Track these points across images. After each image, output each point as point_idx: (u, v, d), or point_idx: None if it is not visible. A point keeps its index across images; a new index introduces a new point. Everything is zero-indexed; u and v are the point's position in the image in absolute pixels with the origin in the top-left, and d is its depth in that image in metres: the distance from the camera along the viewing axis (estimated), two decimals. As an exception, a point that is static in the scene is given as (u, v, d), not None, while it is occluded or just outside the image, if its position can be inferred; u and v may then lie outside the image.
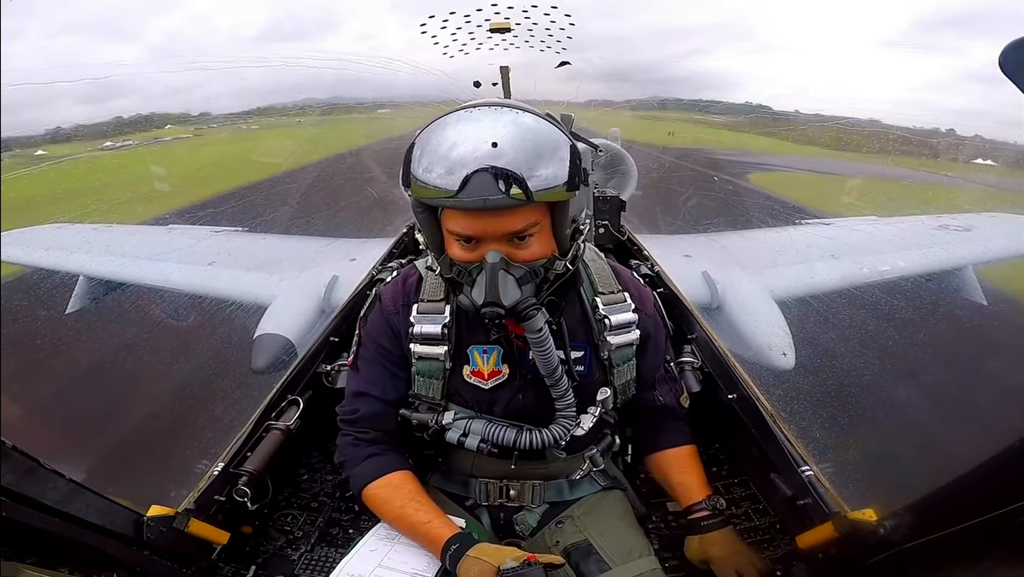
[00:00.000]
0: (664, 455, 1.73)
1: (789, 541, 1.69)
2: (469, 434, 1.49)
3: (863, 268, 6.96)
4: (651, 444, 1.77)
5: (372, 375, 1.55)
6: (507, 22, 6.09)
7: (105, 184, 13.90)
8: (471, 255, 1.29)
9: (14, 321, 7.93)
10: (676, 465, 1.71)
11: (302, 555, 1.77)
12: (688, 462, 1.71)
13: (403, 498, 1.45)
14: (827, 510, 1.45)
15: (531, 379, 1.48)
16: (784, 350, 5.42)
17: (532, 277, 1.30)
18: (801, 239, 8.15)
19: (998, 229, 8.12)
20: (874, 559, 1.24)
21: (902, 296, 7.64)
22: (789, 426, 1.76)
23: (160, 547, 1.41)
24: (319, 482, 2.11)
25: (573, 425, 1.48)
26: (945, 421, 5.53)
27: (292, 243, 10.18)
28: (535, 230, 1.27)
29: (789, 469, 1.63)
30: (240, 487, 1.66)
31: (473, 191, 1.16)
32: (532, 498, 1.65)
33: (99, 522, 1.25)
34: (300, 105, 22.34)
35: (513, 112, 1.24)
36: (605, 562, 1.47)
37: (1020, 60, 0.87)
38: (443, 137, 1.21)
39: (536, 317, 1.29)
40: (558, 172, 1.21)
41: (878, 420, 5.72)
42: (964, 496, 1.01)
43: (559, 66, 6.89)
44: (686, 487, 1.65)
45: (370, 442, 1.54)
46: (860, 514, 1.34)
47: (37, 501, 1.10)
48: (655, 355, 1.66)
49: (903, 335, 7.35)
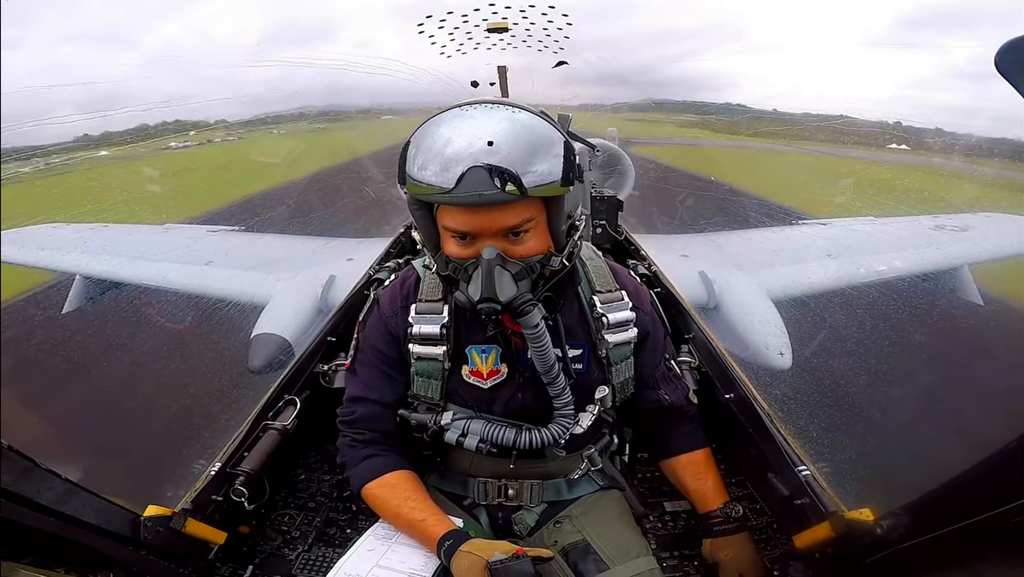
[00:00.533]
0: (679, 461, 1.75)
1: (786, 541, 1.69)
2: (468, 434, 1.49)
3: (860, 268, 6.98)
4: (664, 448, 1.78)
5: (370, 379, 1.55)
6: (504, 22, 6.09)
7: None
8: (467, 252, 1.29)
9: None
10: (691, 471, 1.72)
11: (299, 555, 1.77)
12: (703, 468, 1.72)
13: (400, 497, 1.46)
14: (824, 510, 1.45)
15: (530, 378, 1.48)
16: (781, 350, 5.44)
17: (528, 273, 1.30)
18: (798, 239, 8.17)
19: (994, 229, 8.14)
20: (871, 559, 1.24)
21: (898, 296, 7.66)
22: (786, 426, 1.77)
23: (157, 547, 1.41)
24: (316, 482, 2.11)
25: (572, 424, 1.48)
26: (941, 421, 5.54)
27: (289, 243, 10.16)
28: (530, 226, 1.27)
29: (786, 469, 1.64)
30: (237, 487, 1.66)
31: (468, 187, 1.16)
32: (530, 497, 1.65)
33: (95, 522, 1.25)
34: (319, 111, 22.65)
35: (508, 109, 1.25)
36: (603, 562, 1.47)
37: (1015, 60, 0.87)
38: (438, 134, 1.22)
39: (532, 313, 1.29)
40: (553, 168, 1.21)
41: (875, 420, 5.74)
42: (960, 496, 1.01)
43: (556, 66, 6.90)
44: (702, 494, 1.68)
45: (368, 443, 1.55)
46: (857, 514, 1.34)
47: (33, 501, 1.09)
48: (654, 353, 1.66)
49: (900, 335, 7.37)
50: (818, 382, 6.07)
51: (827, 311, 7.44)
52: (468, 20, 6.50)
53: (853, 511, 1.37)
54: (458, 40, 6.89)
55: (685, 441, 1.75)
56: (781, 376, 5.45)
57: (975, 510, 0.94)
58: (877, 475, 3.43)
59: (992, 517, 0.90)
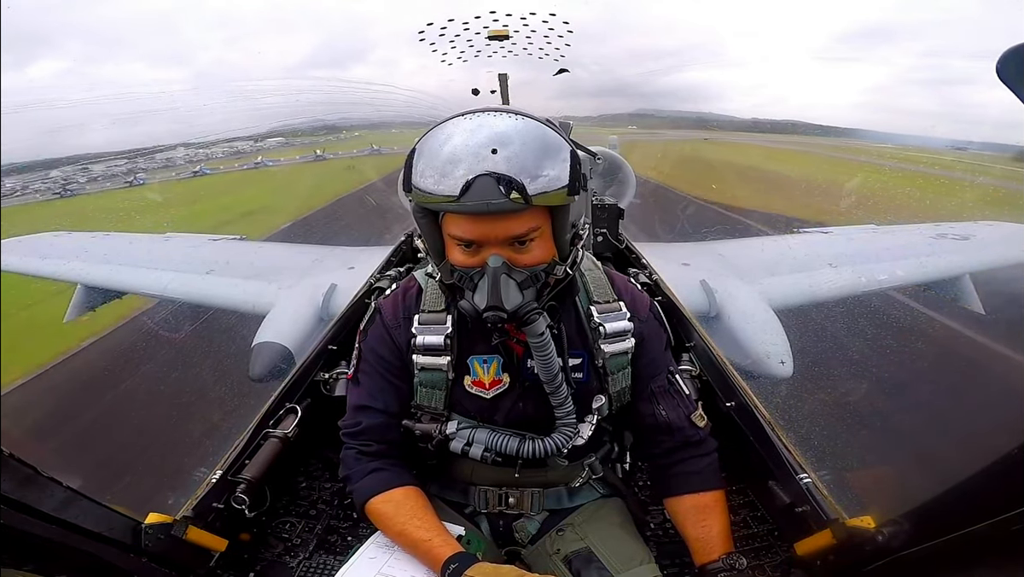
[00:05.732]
0: (681, 502, 1.56)
1: (787, 548, 1.69)
2: (473, 443, 1.48)
3: (861, 277, 6.98)
4: (666, 484, 1.61)
5: (374, 388, 1.54)
6: (505, 29, 6.12)
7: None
8: (472, 260, 1.30)
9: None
10: (694, 516, 1.53)
11: (300, 563, 1.77)
12: (710, 514, 1.52)
13: (405, 515, 1.43)
14: (825, 517, 1.45)
15: (531, 387, 1.48)
16: (782, 358, 5.44)
17: (533, 281, 1.30)
18: (799, 248, 8.17)
19: (995, 237, 8.14)
20: (872, 566, 1.24)
21: (900, 305, 7.66)
22: (787, 434, 1.77)
23: (158, 554, 1.41)
24: (317, 489, 2.11)
25: (574, 433, 1.47)
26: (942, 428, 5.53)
27: (291, 252, 10.17)
28: (536, 234, 1.28)
29: (787, 476, 1.64)
30: (238, 494, 1.66)
31: (475, 195, 1.17)
32: (531, 506, 1.64)
33: (97, 529, 1.25)
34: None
35: (513, 117, 1.25)
36: (606, 570, 1.47)
37: (1016, 67, 0.88)
38: (445, 143, 1.22)
39: (538, 321, 1.30)
40: (560, 174, 1.22)
41: (876, 428, 5.73)
42: (961, 503, 1.01)
43: (558, 73, 6.93)
44: (703, 543, 1.48)
45: (374, 456, 1.53)
46: (858, 521, 1.34)
47: (35, 508, 1.10)
48: (650, 362, 1.59)
49: (901, 343, 7.37)
50: (819, 390, 6.08)
51: (828, 320, 7.45)
52: (469, 28, 6.53)
53: (854, 518, 1.37)
54: (459, 48, 6.93)
55: (692, 480, 1.56)
56: (782, 384, 5.45)
57: (976, 518, 0.94)
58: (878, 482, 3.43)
59: (994, 525, 0.90)
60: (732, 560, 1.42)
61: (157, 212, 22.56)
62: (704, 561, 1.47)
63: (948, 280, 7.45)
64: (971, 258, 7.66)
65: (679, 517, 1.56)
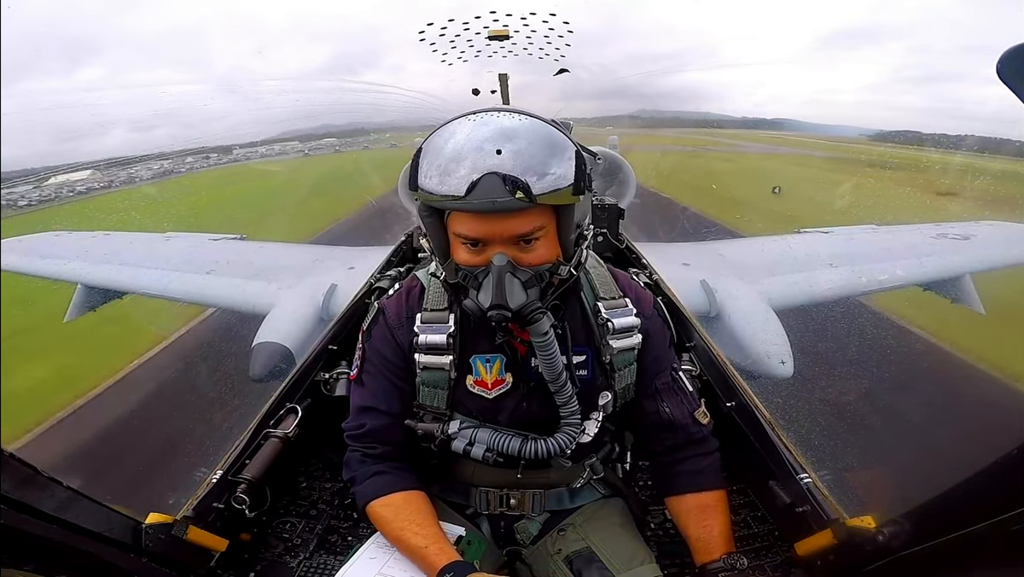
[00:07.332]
0: (683, 502, 1.57)
1: (788, 548, 1.68)
2: (475, 443, 1.48)
3: (861, 277, 6.98)
4: (668, 482, 1.61)
5: (377, 389, 1.53)
6: (505, 29, 6.13)
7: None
8: (477, 259, 1.30)
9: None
10: (696, 516, 1.53)
11: (301, 562, 1.77)
12: (711, 513, 1.52)
13: (404, 520, 1.42)
14: (826, 517, 1.45)
15: (535, 387, 1.47)
16: (782, 358, 5.44)
17: (537, 281, 1.30)
18: (799, 248, 8.17)
19: (995, 237, 8.13)
20: (872, 566, 1.24)
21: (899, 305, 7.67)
22: (787, 434, 1.76)
23: (158, 554, 1.41)
24: (318, 489, 2.10)
25: (578, 432, 1.47)
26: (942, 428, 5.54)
27: (291, 252, 10.17)
28: (541, 234, 1.28)
29: (787, 476, 1.63)
30: (239, 494, 1.66)
31: (481, 193, 1.17)
32: (532, 507, 1.64)
33: (97, 529, 1.25)
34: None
35: (519, 117, 1.26)
36: (608, 569, 1.47)
37: (1016, 67, 0.88)
38: (450, 142, 1.23)
39: (542, 321, 1.30)
40: (566, 171, 1.22)
41: (876, 428, 5.73)
42: (961, 504, 1.01)
43: (558, 73, 6.93)
44: (704, 543, 1.49)
45: (378, 458, 1.53)
46: (858, 521, 1.34)
47: (35, 508, 1.10)
48: (655, 359, 1.60)
49: (901, 343, 7.37)
50: (819, 390, 6.08)
51: (828, 320, 7.45)
52: (469, 28, 6.53)
53: (854, 518, 1.37)
54: (459, 48, 6.93)
55: (694, 479, 1.57)
56: (783, 384, 5.45)
57: (976, 518, 0.94)
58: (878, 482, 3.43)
59: (994, 524, 0.90)
60: (733, 560, 1.43)
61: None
62: (705, 561, 1.47)
63: (948, 280, 7.45)
64: (971, 258, 7.65)
65: (680, 516, 1.57)
